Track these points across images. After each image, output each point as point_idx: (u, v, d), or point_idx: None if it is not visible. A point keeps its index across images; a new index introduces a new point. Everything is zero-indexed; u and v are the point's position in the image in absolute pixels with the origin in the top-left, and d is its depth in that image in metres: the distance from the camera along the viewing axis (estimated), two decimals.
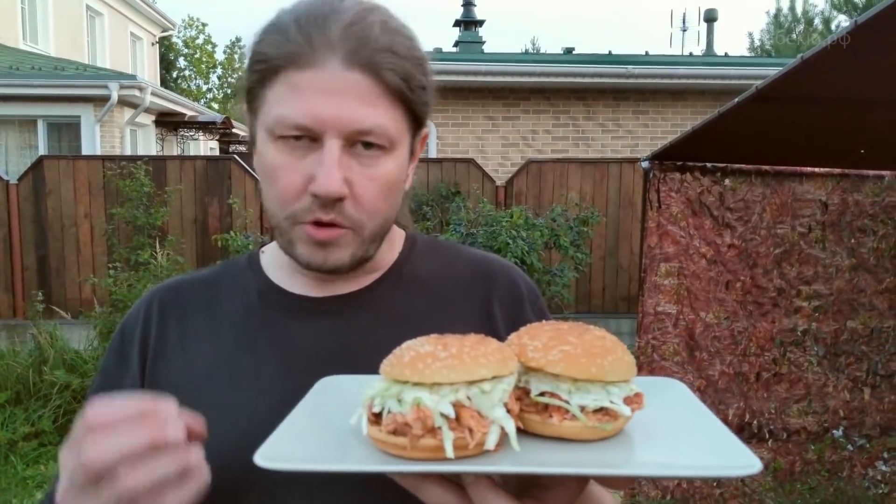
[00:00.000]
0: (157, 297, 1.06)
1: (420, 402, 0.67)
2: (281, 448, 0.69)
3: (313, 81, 0.85)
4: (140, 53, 20.39)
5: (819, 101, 3.45)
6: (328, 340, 0.97)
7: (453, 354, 0.69)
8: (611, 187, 8.12)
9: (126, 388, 0.99)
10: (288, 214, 0.91)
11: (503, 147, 9.39)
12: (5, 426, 5.61)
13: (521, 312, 1.05)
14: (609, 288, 8.22)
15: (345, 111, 0.86)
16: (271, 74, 0.88)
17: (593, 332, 0.77)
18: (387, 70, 0.87)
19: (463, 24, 10.96)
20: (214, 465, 0.86)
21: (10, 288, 7.88)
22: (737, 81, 8.80)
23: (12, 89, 10.44)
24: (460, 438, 0.66)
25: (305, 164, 0.88)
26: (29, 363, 6.03)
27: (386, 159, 0.91)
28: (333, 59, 0.85)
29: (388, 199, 0.94)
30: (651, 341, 4.70)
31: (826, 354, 4.69)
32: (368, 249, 0.96)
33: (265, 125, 0.90)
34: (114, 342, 1.05)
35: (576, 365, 0.71)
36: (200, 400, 0.91)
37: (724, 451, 0.68)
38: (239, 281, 1.06)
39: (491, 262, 1.11)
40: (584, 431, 0.71)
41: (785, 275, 4.68)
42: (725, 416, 4.73)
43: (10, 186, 7.86)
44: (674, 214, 4.62)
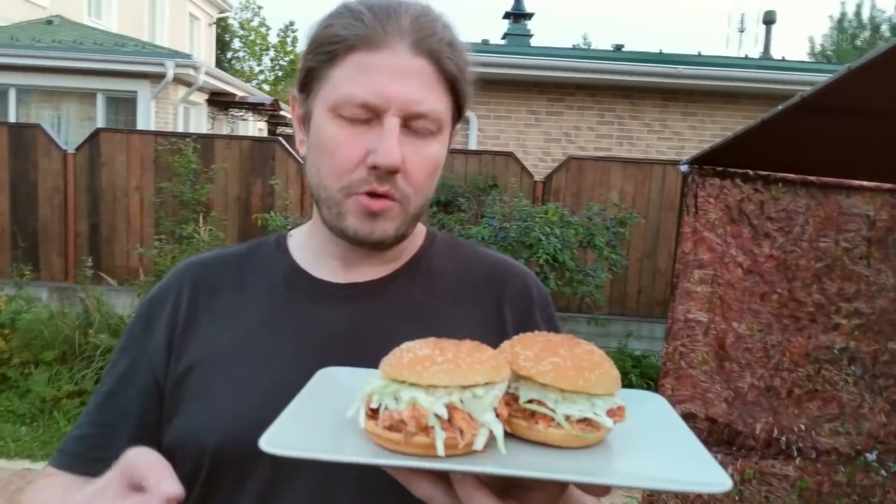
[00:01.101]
0: (190, 271, 1.11)
1: (416, 402, 0.71)
2: (284, 434, 0.74)
3: (383, 63, 0.93)
4: (197, 33, 20.79)
5: (868, 113, 3.35)
6: (344, 326, 1.02)
7: (450, 360, 0.73)
8: (653, 189, 8.01)
9: (149, 353, 1.05)
10: (343, 186, 0.97)
11: (545, 142, 9.34)
12: (51, 383, 5.86)
13: (530, 317, 1.10)
14: (645, 291, 8.12)
15: (408, 92, 0.93)
16: (342, 54, 0.95)
17: (583, 346, 0.82)
18: (447, 60, 0.96)
19: (512, 16, 10.90)
20: (226, 438, 0.94)
21: (62, 252, 8.17)
22: (793, 87, 8.55)
23: (75, 63, 10.75)
24: (451, 438, 0.70)
25: (364, 140, 0.94)
26: (76, 325, 6.29)
27: (434, 141, 0.99)
28: (402, 44, 0.94)
29: (431, 178, 1.02)
30: (679, 348, 4.65)
31: (863, 375, 4.56)
32: (409, 227, 1.03)
33: (327, 103, 0.97)
34: (142, 308, 1.10)
35: (565, 376, 0.76)
36: (220, 374, 1.00)
37: (699, 466, 0.72)
38: (266, 261, 1.11)
39: (506, 266, 1.15)
40: (567, 439, 0.75)
41: (825, 290, 4.57)
42: (752, 430, 4.65)
43: (67, 156, 8.12)
44: (711, 221, 4.56)
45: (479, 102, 9.19)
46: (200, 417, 0.97)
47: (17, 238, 8.09)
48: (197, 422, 0.97)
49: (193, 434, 0.97)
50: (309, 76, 1.00)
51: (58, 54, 10.71)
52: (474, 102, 5.25)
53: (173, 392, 1.02)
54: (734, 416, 4.67)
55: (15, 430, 5.41)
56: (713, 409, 4.66)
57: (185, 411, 1.00)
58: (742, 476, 4.65)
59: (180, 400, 1.00)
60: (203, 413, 0.97)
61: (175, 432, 1.00)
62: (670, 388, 4.71)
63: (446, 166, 4.73)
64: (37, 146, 8.10)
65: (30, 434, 5.39)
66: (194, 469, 0.96)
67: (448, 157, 4.05)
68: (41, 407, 5.70)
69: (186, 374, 1.01)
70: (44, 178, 8.13)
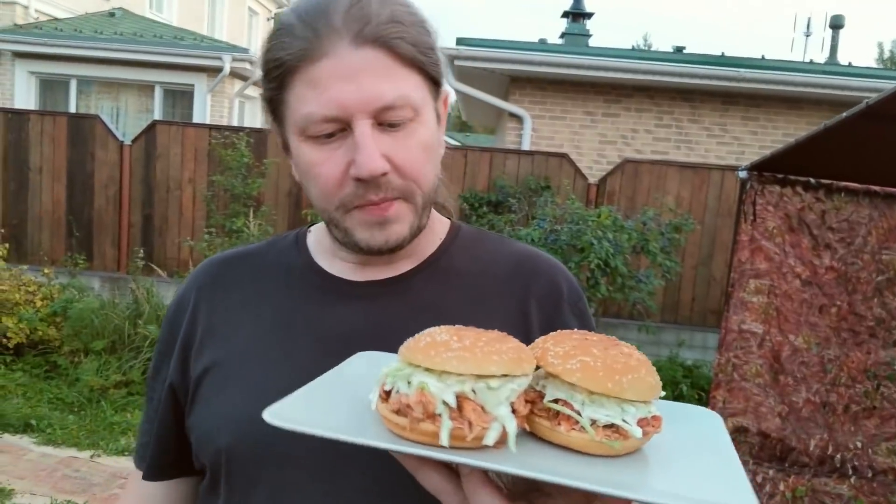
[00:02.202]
0: (208, 270, 1.11)
1: (425, 387, 0.69)
2: (292, 409, 0.72)
3: (329, 70, 0.87)
4: (255, 28, 21.10)
5: None
6: (360, 325, 0.99)
7: (466, 347, 0.70)
8: (710, 194, 7.82)
9: (174, 356, 1.06)
10: (337, 205, 0.93)
11: (600, 144, 9.18)
12: (99, 372, 5.97)
13: (558, 313, 1.04)
14: (699, 299, 7.93)
15: (366, 90, 0.87)
16: (288, 76, 0.90)
17: (621, 348, 0.76)
18: (395, 39, 0.89)
19: (571, 15, 10.78)
20: (239, 437, 0.94)
21: (116, 243, 8.35)
22: (859, 93, 8.26)
23: (135, 55, 10.99)
24: (458, 429, 0.67)
25: (342, 154, 0.90)
26: (126, 315, 6.41)
27: (415, 127, 0.92)
28: (342, 43, 0.87)
29: (427, 164, 0.95)
30: (732, 359, 4.54)
31: None
32: (422, 218, 0.98)
33: (294, 128, 0.93)
34: (169, 311, 1.11)
35: (593, 377, 0.71)
36: (234, 374, 0.99)
37: (726, 488, 0.66)
38: (284, 258, 1.09)
39: (533, 259, 1.09)
40: (590, 445, 0.71)
41: (886, 304, 4.42)
42: (806, 446, 4.53)
43: (124, 147, 8.29)
44: (769, 229, 4.43)
45: (533, 102, 9.09)
46: (216, 418, 0.97)
47: (72, 227, 8.29)
48: (213, 423, 0.97)
49: (210, 435, 0.97)
50: (272, 106, 0.97)
51: (118, 46, 10.95)
52: (529, 102, 5.17)
53: (194, 394, 1.02)
54: (788, 432, 4.52)
55: (63, 418, 5.50)
56: (766, 423, 4.53)
57: (201, 412, 1.00)
58: (794, 493, 4.53)
59: (199, 401, 1.01)
60: (219, 414, 0.97)
61: (195, 433, 1.01)
62: (722, 401, 4.59)
63: (497, 166, 4.65)
64: (95, 137, 8.28)
65: (77, 423, 5.48)
66: (214, 468, 0.98)
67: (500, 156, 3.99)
68: (89, 396, 5.79)
69: (203, 375, 1.01)
70: (100, 169, 8.30)
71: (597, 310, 6.48)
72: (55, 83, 11.59)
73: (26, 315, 6.30)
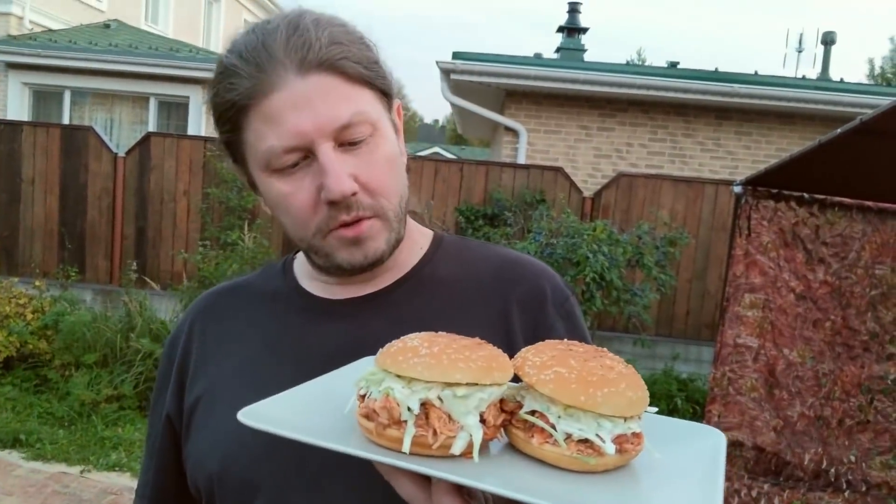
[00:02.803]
0: (202, 303, 1.13)
1: (390, 393, 0.68)
2: (269, 410, 0.72)
3: (282, 102, 0.88)
4: None
5: None
6: (342, 343, 0.99)
7: (434, 353, 0.69)
8: (705, 208, 7.84)
9: (170, 387, 1.09)
10: (314, 230, 0.95)
11: (595, 158, 9.21)
12: (90, 386, 5.91)
13: (543, 315, 1.03)
14: (693, 313, 7.94)
15: (321, 114, 0.88)
16: (242, 116, 0.91)
17: (604, 361, 0.74)
18: (340, 60, 0.90)
19: (566, 30, 10.84)
20: (228, 462, 0.94)
21: (108, 255, 8.30)
22: (850, 109, 8.33)
23: (130, 66, 10.97)
24: (422, 436, 0.67)
25: (309, 181, 0.91)
26: (118, 328, 6.35)
27: (377, 142, 0.93)
28: (288, 74, 0.88)
29: (393, 177, 0.96)
30: (727, 374, 4.54)
31: None
32: (399, 230, 0.99)
33: (259, 165, 0.94)
34: (165, 345, 1.14)
35: (565, 389, 0.69)
36: (223, 401, 0.99)
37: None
38: (271, 285, 1.11)
39: (516, 263, 1.09)
40: (562, 459, 0.69)
41: (880, 318, 4.43)
42: (801, 460, 4.52)
43: (118, 159, 8.26)
44: (764, 244, 4.44)
45: (529, 116, 9.12)
46: (206, 446, 0.98)
47: (64, 239, 8.24)
48: (203, 450, 0.99)
49: (201, 463, 0.98)
50: (230, 148, 0.98)
51: (113, 58, 10.92)
52: (524, 115, 5.17)
53: (187, 424, 1.04)
54: (783, 446, 4.52)
55: (53, 433, 5.45)
56: (761, 437, 4.52)
57: (194, 440, 1.02)
58: None
59: (192, 431, 1.03)
60: (208, 441, 0.98)
61: (189, 461, 1.02)
62: (717, 415, 4.58)
63: (493, 179, 4.66)
64: (88, 148, 8.26)
65: (67, 437, 5.42)
66: (209, 495, 0.98)
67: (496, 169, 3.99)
68: (80, 410, 5.73)
69: (196, 404, 1.03)
70: (93, 181, 8.27)
71: (592, 323, 6.48)
72: (49, 94, 11.56)
73: (17, 328, 6.24)
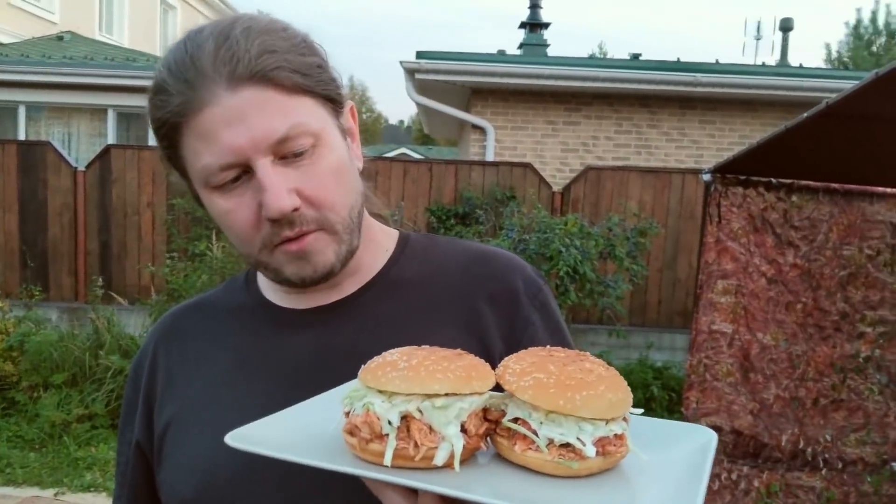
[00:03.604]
0: (164, 325, 1.09)
1: (370, 407, 0.69)
2: (255, 432, 0.72)
3: (213, 118, 0.84)
4: None
5: (892, 120, 3.28)
6: (313, 352, 0.97)
7: (412, 366, 0.69)
8: (672, 198, 7.92)
9: (138, 413, 1.05)
10: (260, 246, 0.91)
11: (562, 152, 9.25)
12: (60, 407, 5.77)
13: (517, 308, 1.00)
14: (665, 301, 8.01)
15: (256, 129, 0.84)
16: (175, 134, 0.88)
17: (584, 364, 0.74)
18: (272, 71, 0.85)
19: (528, 26, 10.85)
20: (203, 487, 0.91)
21: (73, 271, 8.13)
22: (810, 93, 8.47)
23: (86, 78, 10.74)
24: (404, 449, 0.67)
25: (249, 197, 0.87)
26: (86, 346, 6.22)
27: (320, 152, 0.89)
28: (218, 89, 0.84)
29: (340, 187, 0.92)
30: (704, 360, 4.57)
31: (889, 383, 4.49)
32: (351, 241, 0.95)
33: (198, 182, 0.91)
34: (130, 371, 1.10)
35: (544, 395, 0.69)
36: (194, 424, 0.96)
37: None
38: (235, 299, 1.07)
39: (484, 257, 1.05)
40: (546, 465, 0.69)
41: (849, 298, 4.49)
42: (778, 441, 4.57)
43: (77, 173, 8.10)
44: (734, 230, 4.48)
45: (496, 113, 9.12)
46: (179, 470, 0.95)
47: (26, 258, 8.05)
48: (177, 475, 0.95)
49: (175, 488, 0.95)
50: (171, 162, 0.95)
51: (68, 70, 10.69)
52: (491, 113, 5.15)
53: (159, 450, 1.00)
54: (760, 429, 4.56)
55: (23, 457, 5.31)
56: (738, 421, 4.56)
57: (167, 466, 0.98)
58: (768, 489, 4.57)
59: (164, 456, 0.99)
60: (182, 465, 0.95)
61: (164, 488, 0.98)
62: (695, 401, 4.61)
63: (463, 178, 4.62)
64: (46, 163, 8.08)
65: (38, 460, 5.29)
66: None
67: (465, 168, 3.95)
68: (50, 432, 5.60)
69: (166, 430, 0.99)
70: (53, 196, 8.09)
71: (567, 316, 6.49)
72: (2, 110, 11.28)
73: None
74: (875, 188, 4.34)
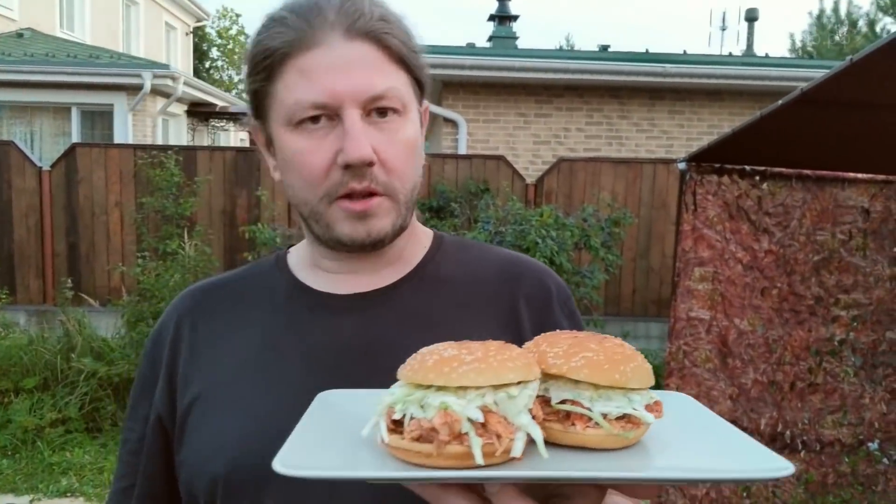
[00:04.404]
0: (188, 300, 1.08)
1: (447, 407, 0.66)
2: (298, 455, 0.69)
3: (321, 60, 0.89)
4: (174, 43, 20.56)
5: (865, 106, 3.34)
6: (350, 339, 0.97)
7: (479, 358, 0.68)
8: (644, 188, 7.98)
9: (158, 389, 1.02)
10: (322, 194, 0.92)
11: (534, 144, 9.27)
12: (32, 412, 5.65)
13: (548, 313, 1.04)
14: (639, 290, 8.09)
15: (357, 80, 0.89)
16: (278, 66, 0.91)
17: (612, 340, 0.77)
18: (385, 35, 0.91)
19: (497, 18, 10.86)
20: (237, 463, 0.91)
21: (40, 274, 7.96)
22: (777, 83, 8.61)
23: (48, 76, 10.54)
24: (488, 444, 0.65)
25: (329, 142, 0.90)
26: (57, 350, 6.07)
27: (403, 122, 0.94)
28: (335, 35, 0.89)
29: (411, 162, 0.96)
30: (683, 347, 4.61)
31: (863, 365, 4.57)
32: (405, 218, 0.98)
33: (281, 118, 0.93)
34: (147, 346, 1.08)
35: (599, 371, 0.71)
36: (225, 401, 0.96)
37: (754, 455, 0.68)
38: (266, 280, 1.07)
39: (519, 262, 1.10)
40: (607, 440, 0.70)
41: (823, 283, 4.56)
42: (757, 425, 4.63)
43: (42, 173, 7.93)
44: (710, 218, 4.52)
45: (467, 106, 9.10)
46: (209, 446, 0.95)
47: None
48: (205, 452, 0.95)
49: (204, 464, 0.94)
50: (257, 99, 0.97)
51: (30, 68, 10.49)
52: (462, 106, 5.16)
53: (182, 426, 0.99)
54: (739, 413, 4.62)
55: None
56: (718, 406, 4.61)
57: (193, 443, 0.97)
58: None
59: (188, 433, 0.98)
60: (211, 442, 0.95)
61: (187, 465, 0.97)
62: (675, 388, 4.64)
63: (436, 172, 4.62)
64: (10, 164, 7.89)
65: (12, 467, 5.17)
66: (209, 499, 0.94)
67: (438, 161, 3.97)
68: (23, 437, 5.46)
69: (192, 406, 0.98)
70: (18, 197, 7.91)
71: None
72: None
73: None
74: (846, 174, 4.40)
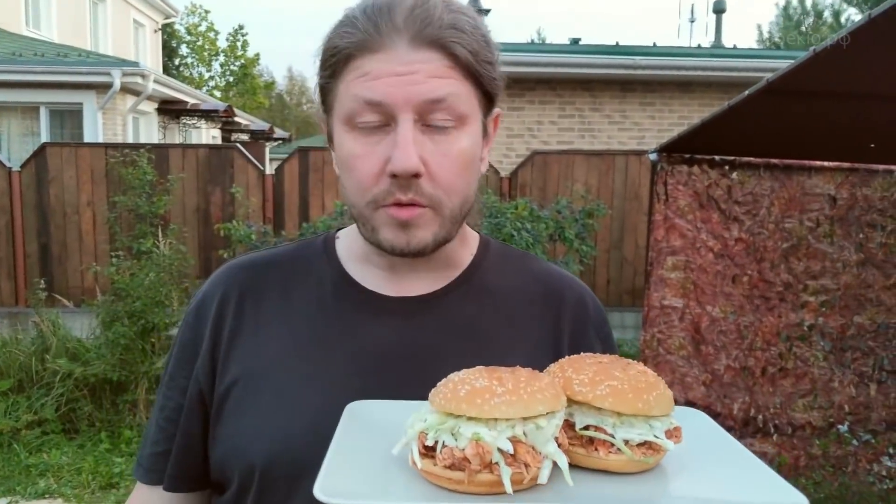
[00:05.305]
0: (235, 275, 1.07)
1: (479, 438, 0.69)
2: (336, 480, 0.71)
3: (384, 65, 0.88)
4: (142, 40, 20.29)
5: (830, 95, 3.40)
6: (395, 343, 0.98)
7: (510, 390, 0.71)
8: (617, 180, 8.06)
9: (200, 361, 1.02)
10: (369, 200, 0.92)
11: (508, 138, 9.32)
12: (8, 414, 5.59)
13: (584, 336, 1.06)
14: (614, 281, 8.18)
15: (416, 86, 0.87)
16: (342, 65, 0.91)
17: (635, 367, 0.80)
18: (452, 43, 0.89)
19: None
20: (276, 455, 0.93)
21: (11, 275, 7.85)
22: (745, 74, 8.72)
23: (15, 76, 10.35)
24: (517, 473, 0.68)
25: (381, 149, 0.89)
26: (31, 351, 6.01)
27: (458, 135, 0.91)
28: (401, 41, 0.88)
29: (463, 176, 0.94)
30: (657, 335, 4.68)
31: (832, 349, 4.66)
32: (450, 231, 0.96)
33: (341, 116, 0.93)
34: (188, 317, 1.07)
35: (623, 400, 0.75)
36: (268, 388, 0.97)
37: (767, 487, 0.71)
38: (314, 267, 1.07)
39: (562, 280, 1.10)
40: (628, 465, 0.74)
41: (792, 269, 4.65)
42: (730, 410, 4.71)
43: (12, 174, 7.81)
44: (681, 207, 4.58)
45: None
46: (249, 432, 0.95)
47: None
48: (245, 437, 0.95)
49: (242, 449, 0.95)
50: (323, 94, 0.97)
51: None
52: None
53: (221, 404, 1.00)
54: (712, 399, 4.70)
55: None
56: (692, 392, 4.69)
57: (232, 425, 0.98)
58: None
59: (227, 412, 0.99)
60: (251, 428, 0.95)
61: (223, 446, 0.98)
62: None
63: None
64: None
65: None
66: (244, 483, 0.95)
67: None
68: None
69: (233, 386, 0.99)
70: None
71: None
72: None
73: None
74: (813, 162, 4.49)
